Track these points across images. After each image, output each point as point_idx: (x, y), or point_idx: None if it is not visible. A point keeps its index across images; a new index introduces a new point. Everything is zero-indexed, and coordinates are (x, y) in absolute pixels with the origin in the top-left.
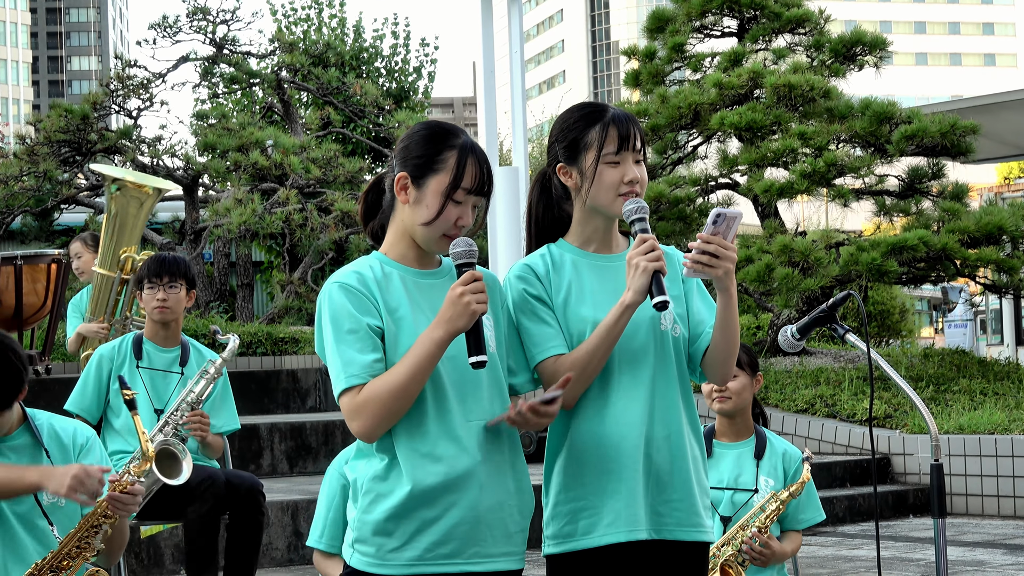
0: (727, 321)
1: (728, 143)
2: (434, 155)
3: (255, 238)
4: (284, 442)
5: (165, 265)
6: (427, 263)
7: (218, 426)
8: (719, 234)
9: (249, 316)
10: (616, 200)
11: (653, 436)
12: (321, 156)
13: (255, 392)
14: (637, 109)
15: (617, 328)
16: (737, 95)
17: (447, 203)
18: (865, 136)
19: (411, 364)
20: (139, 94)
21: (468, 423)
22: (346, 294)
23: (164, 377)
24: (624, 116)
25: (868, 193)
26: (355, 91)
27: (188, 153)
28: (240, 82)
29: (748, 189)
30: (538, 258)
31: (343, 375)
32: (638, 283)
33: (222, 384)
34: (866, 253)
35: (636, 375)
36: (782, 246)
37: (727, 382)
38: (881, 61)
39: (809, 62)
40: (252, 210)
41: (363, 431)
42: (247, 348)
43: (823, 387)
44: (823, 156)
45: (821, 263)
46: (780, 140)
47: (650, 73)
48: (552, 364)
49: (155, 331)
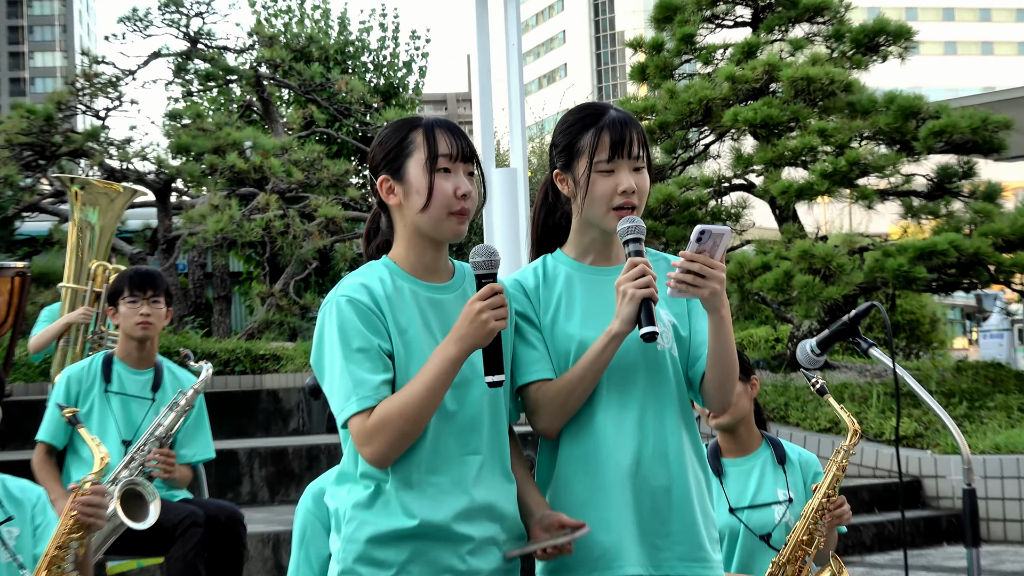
0: (719, 346)
1: (742, 141)
2: (401, 142)
3: (233, 247)
4: (265, 468)
5: (149, 278)
6: (439, 274)
7: (190, 455)
8: (705, 252)
9: (227, 331)
10: (609, 213)
11: (644, 459)
12: (304, 158)
13: (233, 414)
14: (644, 105)
15: (603, 358)
16: (751, 89)
17: (434, 176)
18: (890, 132)
19: (425, 383)
20: (107, 93)
21: (464, 456)
22: (355, 310)
23: (135, 403)
24: (620, 120)
25: (894, 194)
26: (340, 88)
27: (160, 156)
28: (216, 79)
29: (764, 191)
30: (530, 272)
31: (354, 397)
32: (625, 312)
33: (197, 408)
34: (892, 259)
35: (625, 395)
36: (801, 252)
37: (726, 410)
38: (906, 51)
39: (829, 53)
40: (229, 217)
41: (377, 456)
42: (224, 366)
43: (848, 404)
44: (845, 154)
45: (844, 270)
46: (798, 138)
47: (658, 66)
48: (535, 390)
49: (129, 351)
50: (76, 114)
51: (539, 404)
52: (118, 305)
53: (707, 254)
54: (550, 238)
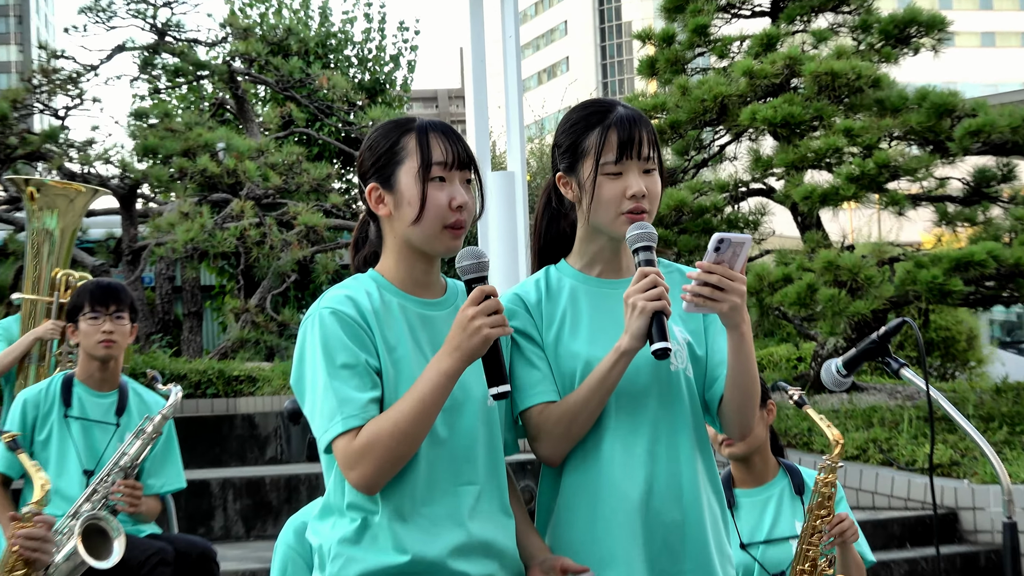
0: (739, 365)
1: (761, 142)
2: (392, 148)
3: (204, 258)
4: (239, 500)
5: (111, 292)
6: (430, 289)
7: (158, 485)
8: (723, 262)
9: (197, 350)
10: (618, 219)
11: (656, 491)
12: (282, 161)
13: (205, 441)
14: (653, 102)
15: (611, 377)
16: (771, 85)
17: (427, 186)
18: (922, 132)
19: (417, 400)
20: (67, 90)
21: (458, 487)
22: (341, 324)
23: (98, 429)
24: (628, 117)
25: (927, 199)
26: (321, 84)
27: (125, 159)
28: (186, 75)
29: (785, 196)
30: (531, 285)
31: (339, 416)
32: (635, 326)
33: (166, 434)
34: (925, 270)
35: (635, 420)
36: (826, 262)
37: (746, 436)
38: (940, 43)
39: (855, 46)
40: (200, 225)
41: (364, 480)
42: (195, 389)
43: (877, 429)
44: (873, 156)
45: (872, 282)
46: (822, 138)
47: (668, 60)
48: (538, 414)
49: (91, 371)
50: (33, 113)
51: (542, 429)
52: (78, 322)
53: (726, 264)
54: (553, 248)
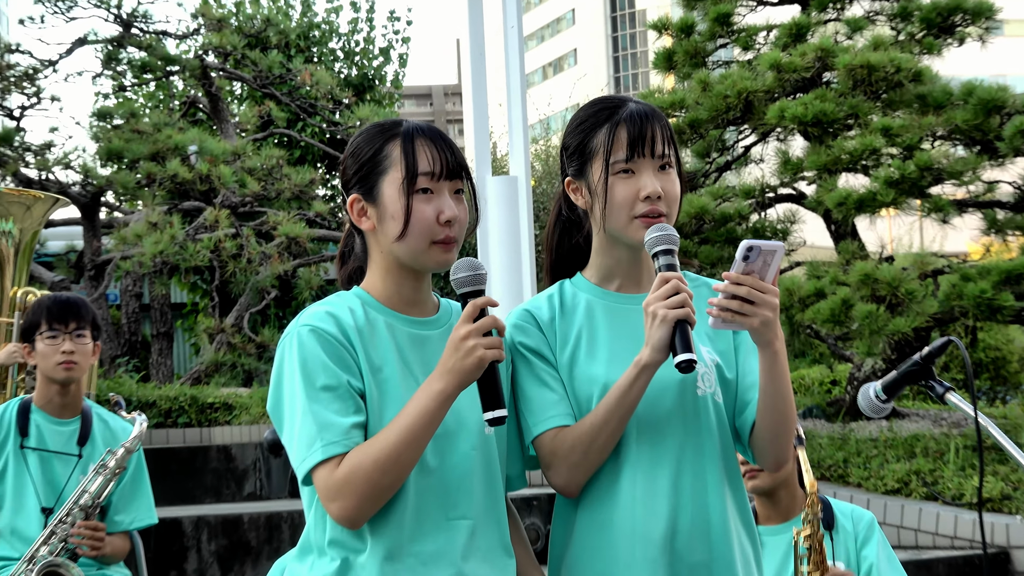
0: (773, 387)
1: (790, 142)
2: (375, 156)
3: (175, 273)
4: (215, 540)
5: (70, 307)
6: (421, 307)
7: (127, 521)
8: (753, 273)
9: (168, 375)
10: (632, 223)
11: (680, 530)
12: (260, 165)
13: (176, 475)
14: (671, 99)
15: (632, 394)
16: (801, 80)
17: (411, 200)
18: (969, 131)
19: (406, 425)
20: (23, 88)
21: (450, 521)
22: (320, 342)
23: (58, 461)
24: (640, 112)
25: (974, 205)
26: (304, 80)
27: (87, 163)
28: (154, 70)
29: (817, 202)
30: (543, 301)
31: (319, 442)
32: (656, 336)
33: (135, 464)
34: (973, 283)
35: (657, 450)
36: (863, 275)
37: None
38: (988, 33)
39: (894, 36)
40: (170, 236)
41: (347, 514)
42: (165, 417)
43: (920, 460)
44: (914, 158)
45: (914, 297)
46: (858, 138)
47: (687, 52)
48: (551, 439)
49: (49, 396)
50: None
51: (556, 455)
52: (35, 342)
53: (756, 275)
54: (568, 263)
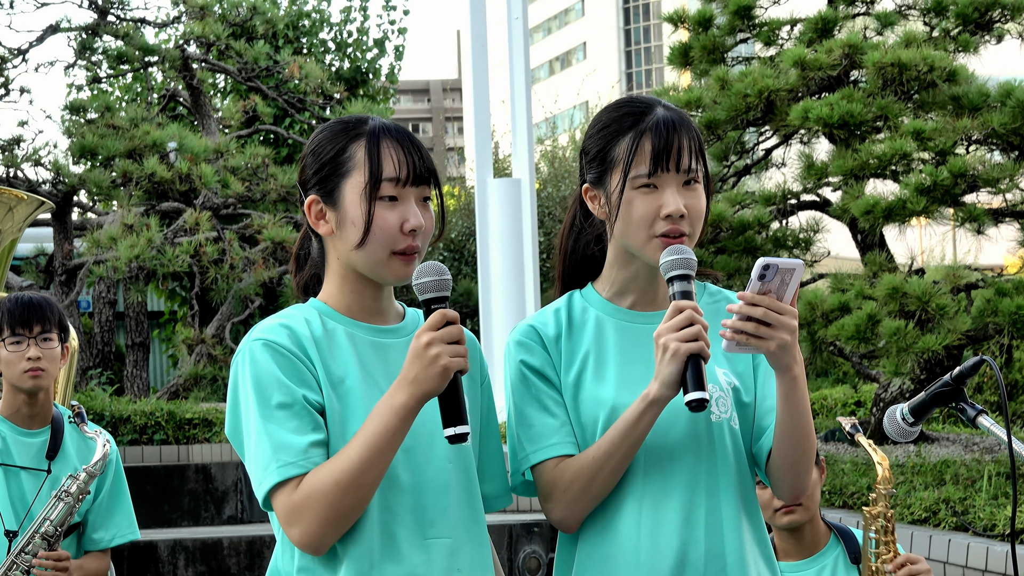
0: (791, 414)
1: (814, 145)
2: (337, 156)
3: (151, 279)
4: (192, 565)
5: (35, 309)
6: (383, 317)
7: (107, 538)
8: (770, 292)
9: (143, 389)
10: (650, 243)
11: (691, 564)
12: (244, 164)
13: (152, 496)
14: (686, 98)
15: (638, 430)
16: (826, 78)
17: (373, 206)
18: (1006, 135)
19: (367, 442)
20: None
21: (425, 540)
22: (274, 356)
23: (26, 477)
24: (668, 121)
25: (1011, 214)
26: (292, 73)
27: (58, 160)
28: (131, 61)
29: (843, 209)
30: (550, 316)
31: (274, 464)
32: (666, 372)
33: (113, 476)
34: (1009, 299)
35: (668, 479)
36: (891, 289)
37: (799, 498)
38: None
39: (927, 32)
40: (148, 240)
41: (307, 539)
42: (140, 434)
43: (950, 488)
44: (947, 163)
45: (946, 313)
46: (887, 141)
47: (704, 47)
48: (551, 469)
49: (16, 406)
50: None
51: (555, 487)
52: None
53: (773, 295)
54: (580, 272)
